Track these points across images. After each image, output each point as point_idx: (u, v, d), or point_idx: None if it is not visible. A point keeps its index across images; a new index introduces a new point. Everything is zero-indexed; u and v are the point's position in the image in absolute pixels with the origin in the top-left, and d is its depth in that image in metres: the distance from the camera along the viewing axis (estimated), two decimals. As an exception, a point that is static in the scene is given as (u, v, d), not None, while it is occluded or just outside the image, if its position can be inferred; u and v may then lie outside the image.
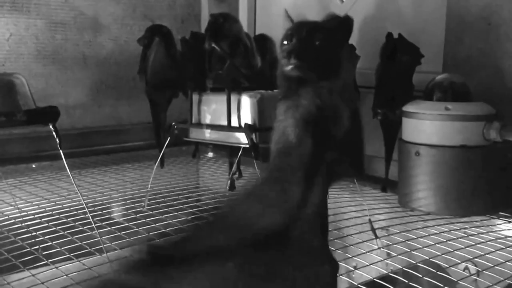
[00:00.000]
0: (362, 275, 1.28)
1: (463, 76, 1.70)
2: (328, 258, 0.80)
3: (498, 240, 1.47)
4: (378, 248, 1.46)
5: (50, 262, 1.29)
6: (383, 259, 1.41)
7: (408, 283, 1.22)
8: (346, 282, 1.28)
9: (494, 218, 1.64)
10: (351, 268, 1.32)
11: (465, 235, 1.50)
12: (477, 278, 1.31)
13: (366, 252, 1.42)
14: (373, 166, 1.97)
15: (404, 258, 1.39)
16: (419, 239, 1.49)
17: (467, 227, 1.58)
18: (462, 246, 1.42)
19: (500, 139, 1.57)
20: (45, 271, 1.25)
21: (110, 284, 0.68)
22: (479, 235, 1.51)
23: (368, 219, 1.54)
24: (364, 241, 1.49)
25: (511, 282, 1.23)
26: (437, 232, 1.52)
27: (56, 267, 1.26)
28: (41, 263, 1.29)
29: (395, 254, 1.42)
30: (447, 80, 1.68)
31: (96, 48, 2.69)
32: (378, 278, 1.28)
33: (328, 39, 0.83)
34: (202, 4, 3.07)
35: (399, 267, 1.36)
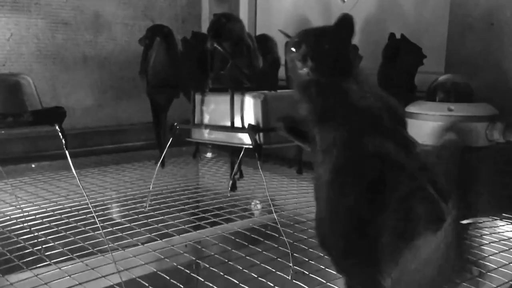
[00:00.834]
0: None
1: (465, 77, 1.70)
2: None
3: (502, 241, 1.47)
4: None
5: (52, 262, 1.29)
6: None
7: None
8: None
9: (497, 220, 1.64)
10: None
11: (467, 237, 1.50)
12: (480, 280, 1.31)
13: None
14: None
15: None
16: (421, 240, 1.48)
17: (470, 228, 1.57)
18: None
19: (503, 140, 1.57)
20: (48, 271, 1.24)
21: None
22: (482, 236, 1.50)
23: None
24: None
25: (515, 284, 1.23)
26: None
27: (59, 268, 1.25)
28: (44, 263, 1.29)
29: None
30: (449, 81, 1.68)
31: (96, 48, 2.68)
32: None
33: (336, 42, 0.84)
34: (203, 4, 3.06)
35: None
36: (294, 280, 1.23)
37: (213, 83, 1.80)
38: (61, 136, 1.10)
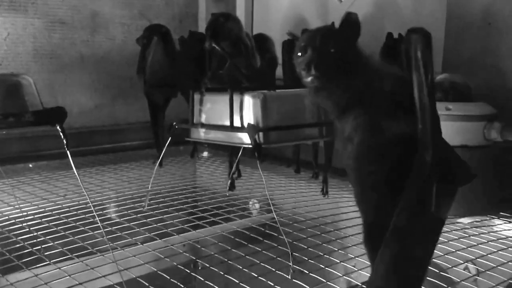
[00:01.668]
0: (361, 274, 1.28)
1: (463, 76, 1.71)
2: None
3: (499, 240, 1.47)
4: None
5: (52, 262, 1.29)
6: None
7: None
8: (345, 281, 1.28)
9: (494, 218, 1.65)
10: (351, 267, 1.32)
11: (466, 235, 1.51)
12: (478, 278, 1.31)
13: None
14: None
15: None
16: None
17: (468, 227, 1.58)
18: (463, 246, 1.42)
19: (501, 139, 1.58)
20: (47, 271, 1.24)
21: None
22: (480, 235, 1.51)
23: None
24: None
25: (513, 282, 1.24)
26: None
27: (58, 268, 1.25)
28: (43, 263, 1.28)
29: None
30: (447, 80, 1.69)
31: (93, 48, 2.68)
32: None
33: (342, 43, 0.84)
34: (200, 3, 3.06)
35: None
36: (293, 279, 1.24)
37: (211, 83, 1.80)
38: (62, 136, 1.10)
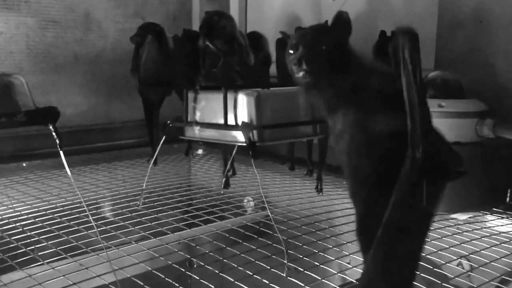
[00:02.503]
0: (355, 271, 1.29)
1: (455, 73, 1.72)
2: None
3: (492, 236, 1.48)
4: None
5: (46, 262, 1.28)
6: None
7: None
8: (340, 278, 1.29)
9: (487, 214, 1.66)
10: (346, 264, 1.33)
11: (459, 231, 1.52)
12: (471, 274, 1.32)
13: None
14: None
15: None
16: (413, 235, 1.49)
17: (461, 223, 1.59)
18: (457, 242, 1.43)
19: (493, 136, 1.59)
20: (41, 271, 1.23)
21: None
22: (473, 231, 1.52)
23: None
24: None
25: (505, 278, 1.25)
26: (431, 228, 1.53)
27: (52, 267, 1.25)
28: (37, 263, 1.28)
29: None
30: (440, 77, 1.70)
31: (87, 46, 2.67)
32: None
33: (333, 41, 0.85)
34: (194, 2, 3.05)
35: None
36: (289, 277, 1.24)
37: (205, 81, 1.79)
38: (55, 136, 1.10)
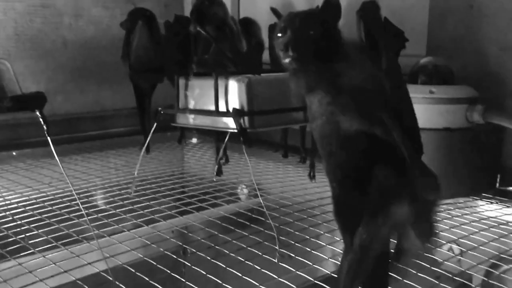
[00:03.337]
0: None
1: (446, 59, 1.72)
2: None
3: (482, 221, 1.50)
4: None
5: (37, 250, 1.28)
6: (370, 241, 1.42)
7: (396, 264, 1.24)
8: (332, 264, 1.30)
9: (477, 199, 1.68)
10: (338, 251, 1.34)
11: (449, 216, 1.53)
12: (461, 258, 1.34)
13: (353, 235, 1.44)
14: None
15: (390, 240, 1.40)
16: (404, 221, 1.51)
17: (451, 208, 1.61)
18: (447, 227, 1.45)
19: (483, 122, 1.60)
20: (32, 259, 1.23)
21: None
22: (463, 216, 1.54)
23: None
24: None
25: (495, 262, 1.26)
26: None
27: (43, 256, 1.25)
28: (27, 252, 1.28)
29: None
30: (431, 64, 1.70)
31: (77, 32, 2.63)
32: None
33: (321, 26, 0.84)
34: (185, -13, 3.02)
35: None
36: (280, 263, 1.25)
37: (197, 67, 1.78)
38: (42, 122, 1.08)
